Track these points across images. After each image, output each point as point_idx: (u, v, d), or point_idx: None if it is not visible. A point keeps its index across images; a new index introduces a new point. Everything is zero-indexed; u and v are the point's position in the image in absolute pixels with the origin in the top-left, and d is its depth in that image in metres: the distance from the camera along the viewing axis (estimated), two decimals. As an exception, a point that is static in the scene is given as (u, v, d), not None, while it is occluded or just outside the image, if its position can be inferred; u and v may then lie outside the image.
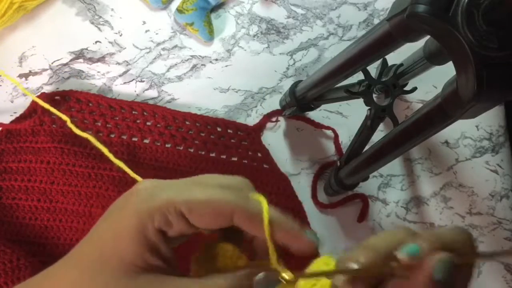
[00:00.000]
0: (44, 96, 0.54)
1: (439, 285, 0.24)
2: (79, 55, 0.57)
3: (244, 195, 0.28)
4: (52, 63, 0.57)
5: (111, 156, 0.34)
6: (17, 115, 0.54)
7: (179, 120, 0.56)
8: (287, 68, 0.61)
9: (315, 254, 0.28)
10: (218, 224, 0.27)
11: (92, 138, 0.43)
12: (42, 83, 0.56)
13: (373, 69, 0.55)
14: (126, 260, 0.26)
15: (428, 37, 0.39)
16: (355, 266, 0.26)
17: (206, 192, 0.27)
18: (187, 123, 0.57)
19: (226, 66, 0.60)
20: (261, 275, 0.27)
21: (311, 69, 0.61)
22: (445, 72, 0.37)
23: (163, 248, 0.27)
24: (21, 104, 0.55)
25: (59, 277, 0.27)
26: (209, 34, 0.59)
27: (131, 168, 0.39)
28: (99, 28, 0.58)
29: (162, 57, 0.59)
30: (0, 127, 0.53)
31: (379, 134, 0.56)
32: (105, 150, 0.39)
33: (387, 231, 0.27)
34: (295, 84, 0.56)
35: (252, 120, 0.59)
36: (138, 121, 0.56)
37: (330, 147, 0.60)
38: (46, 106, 0.51)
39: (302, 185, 0.58)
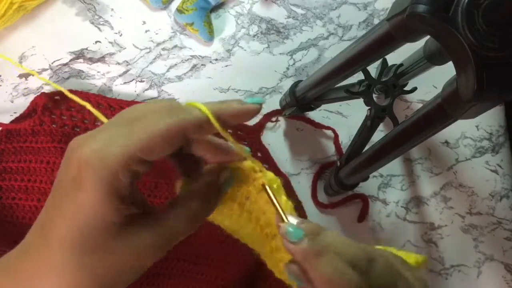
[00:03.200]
0: (44, 96, 0.54)
1: None
2: (79, 55, 0.57)
3: (180, 111, 0.28)
4: (52, 63, 0.57)
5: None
6: (17, 115, 0.54)
7: (179, 120, 0.56)
8: (287, 68, 0.61)
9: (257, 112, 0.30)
10: (174, 147, 0.28)
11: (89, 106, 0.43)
12: (42, 83, 0.56)
13: (373, 69, 0.55)
14: (108, 229, 0.26)
15: (428, 37, 0.39)
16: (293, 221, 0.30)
17: (151, 126, 0.27)
18: (187, 123, 0.56)
19: (226, 66, 0.60)
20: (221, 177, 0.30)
21: (311, 69, 0.61)
22: (445, 72, 0.37)
23: (133, 195, 0.28)
24: (21, 104, 0.55)
25: (44, 264, 0.27)
26: (209, 34, 0.59)
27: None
28: (99, 28, 0.58)
29: (162, 57, 0.59)
30: (0, 127, 0.53)
31: (379, 134, 0.56)
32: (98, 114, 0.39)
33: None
34: (295, 84, 0.56)
35: (252, 120, 0.59)
36: (138, 121, 0.56)
37: (330, 147, 0.60)
38: (62, 89, 0.50)
39: (302, 185, 0.58)
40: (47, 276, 0.27)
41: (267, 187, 0.31)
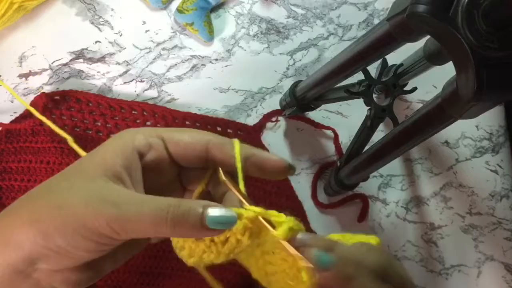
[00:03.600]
0: (44, 96, 0.54)
1: None
2: (79, 55, 0.57)
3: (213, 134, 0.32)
4: (52, 63, 0.57)
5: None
6: (17, 115, 0.54)
7: (179, 120, 0.56)
8: (287, 68, 0.61)
9: (286, 173, 0.32)
10: (193, 155, 0.31)
11: (69, 138, 0.47)
12: (42, 83, 0.56)
13: (373, 69, 0.55)
14: (97, 169, 0.28)
15: (428, 37, 0.39)
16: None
17: (182, 130, 0.32)
18: (187, 123, 0.57)
19: (226, 66, 0.60)
20: (218, 209, 0.28)
21: (311, 69, 0.61)
22: (445, 72, 0.37)
23: (135, 171, 0.30)
24: (21, 104, 0.55)
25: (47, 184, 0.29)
26: (209, 34, 0.59)
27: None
28: (99, 28, 0.58)
29: (162, 57, 0.59)
30: (0, 127, 0.53)
31: (379, 134, 0.56)
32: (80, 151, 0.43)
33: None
34: (295, 84, 0.56)
35: (252, 120, 0.59)
36: (138, 121, 0.56)
37: (330, 147, 0.60)
38: (41, 117, 0.52)
39: (302, 185, 0.58)
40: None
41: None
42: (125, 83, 0.58)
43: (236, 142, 0.31)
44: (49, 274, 0.27)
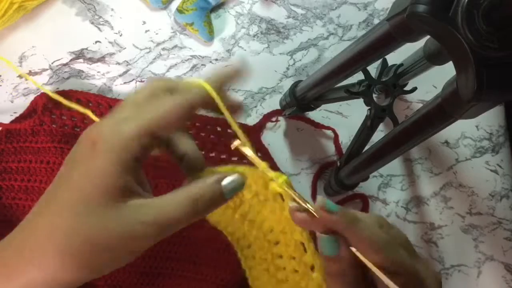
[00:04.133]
0: (44, 96, 0.54)
1: None
2: (79, 55, 0.57)
3: (183, 92, 0.31)
4: (52, 63, 0.57)
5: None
6: (17, 115, 0.54)
7: (179, 120, 0.56)
8: (287, 68, 0.61)
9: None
10: (184, 122, 0.30)
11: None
12: (42, 83, 0.56)
13: (373, 69, 0.55)
14: (110, 194, 0.27)
15: (428, 37, 0.39)
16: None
17: (162, 107, 0.29)
18: (187, 123, 0.57)
19: (226, 66, 0.60)
20: (229, 178, 0.30)
21: (311, 69, 0.61)
22: (445, 72, 0.37)
23: (140, 174, 0.30)
24: (21, 104, 0.55)
25: (41, 228, 0.28)
26: (209, 34, 0.59)
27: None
28: (99, 28, 0.58)
29: (162, 57, 0.59)
30: (0, 127, 0.53)
31: (379, 134, 0.56)
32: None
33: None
34: (295, 84, 0.56)
35: (252, 120, 0.59)
36: (138, 121, 0.56)
37: (330, 147, 0.60)
38: (60, 99, 0.51)
39: (302, 185, 0.58)
40: (42, 242, 0.27)
41: (285, 189, 0.32)
42: (125, 83, 0.58)
43: (209, 88, 0.31)
44: None
